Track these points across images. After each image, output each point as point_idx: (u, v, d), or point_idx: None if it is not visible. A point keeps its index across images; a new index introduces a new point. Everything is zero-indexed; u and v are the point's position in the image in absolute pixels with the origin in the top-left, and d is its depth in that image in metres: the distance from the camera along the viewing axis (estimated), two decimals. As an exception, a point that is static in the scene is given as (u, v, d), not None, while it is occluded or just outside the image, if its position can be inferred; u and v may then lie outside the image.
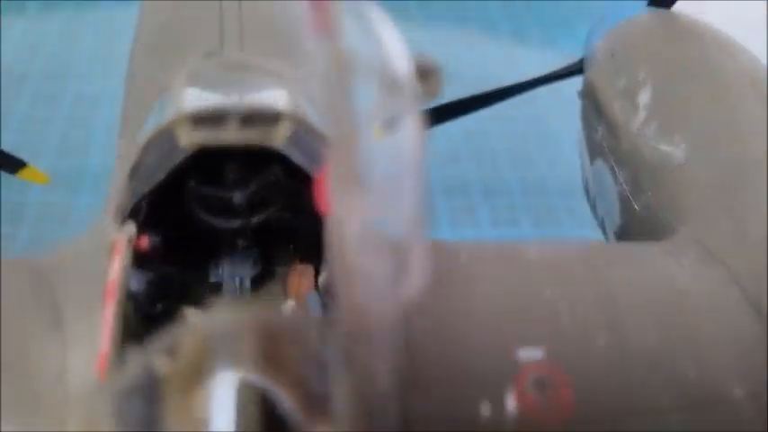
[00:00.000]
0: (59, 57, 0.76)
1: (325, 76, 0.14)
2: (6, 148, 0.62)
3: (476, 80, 0.83)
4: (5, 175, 0.59)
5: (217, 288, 0.24)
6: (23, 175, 0.49)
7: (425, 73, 0.15)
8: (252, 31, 0.31)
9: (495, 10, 1.05)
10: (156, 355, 0.18)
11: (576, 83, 0.44)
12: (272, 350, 0.17)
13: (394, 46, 0.15)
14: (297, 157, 0.22)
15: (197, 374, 0.17)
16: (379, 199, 0.15)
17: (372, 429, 0.17)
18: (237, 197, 0.24)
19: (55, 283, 0.24)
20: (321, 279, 0.24)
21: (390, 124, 0.15)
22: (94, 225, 0.25)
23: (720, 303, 0.25)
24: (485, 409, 0.21)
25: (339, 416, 0.17)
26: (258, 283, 0.24)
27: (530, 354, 0.22)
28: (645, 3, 0.41)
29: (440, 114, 0.46)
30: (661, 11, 0.40)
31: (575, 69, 0.44)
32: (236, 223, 0.24)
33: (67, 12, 0.85)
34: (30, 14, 0.83)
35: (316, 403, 0.17)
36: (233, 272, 0.25)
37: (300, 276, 0.24)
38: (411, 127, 0.15)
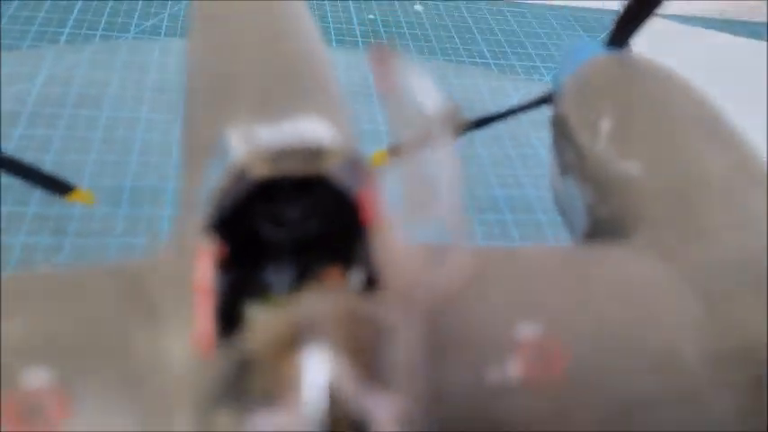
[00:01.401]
0: (92, 85, 0.81)
1: (391, 123, 0.20)
2: (49, 169, 0.69)
3: (466, 103, 0.92)
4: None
5: (267, 287, 0.26)
6: (73, 197, 0.53)
7: (453, 113, 0.21)
8: (293, 75, 0.36)
9: (482, 46, 1.14)
10: (248, 335, 0.21)
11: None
12: (348, 328, 0.21)
13: (434, 94, 0.21)
14: (343, 181, 0.25)
15: (287, 348, 0.20)
16: (428, 212, 0.20)
17: (413, 391, 0.21)
18: (292, 212, 0.27)
19: (148, 284, 0.27)
20: (351, 278, 0.26)
21: (432, 153, 0.20)
22: (176, 237, 0.29)
23: (672, 287, 0.30)
24: (494, 372, 0.26)
25: (395, 383, 0.20)
26: (300, 281, 0.26)
27: (530, 329, 0.27)
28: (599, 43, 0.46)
29: None
30: (617, 51, 0.45)
31: (545, 100, 0.50)
32: (289, 233, 0.27)
33: (95, 44, 0.91)
34: (60, 46, 0.89)
35: (379, 374, 0.20)
36: (280, 273, 0.27)
37: (335, 275, 0.27)
38: (448, 155, 0.20)
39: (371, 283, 0.25)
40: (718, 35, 1.28)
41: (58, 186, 0.52)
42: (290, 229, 0.28)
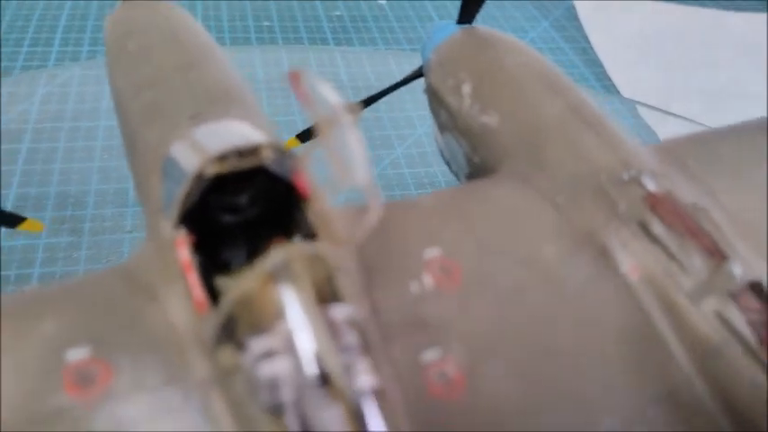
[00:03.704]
0: (85, 99, 0.88)
1: (310, 121, 0.28)
2: (18, 180, 0.75)
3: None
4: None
5: (227, 263, 0.33)
6: (24, 226, 0.58)
7: (351, 107, 0.27)
8: (213, 92, 0.42)
9: (352, 32, 1.21)
10: (233, 289, 0.27)
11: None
12: (310, 265, 0.27)
13: (335, 97, 0.28)
14: (277, 170, 0.32)
15: (265, 287, 0.26)
16: (347, 177, 0.27)
17: (360, 305, 0.28)
18: (242, 200, 0.34)
19: (142, 274, 0.33)
20: (295, 241, 0.33)
21: (343, 134, 0.27)
22: (151, 236, 0.35)
23: (530, 203, 0.39)
24: (414, 286, 0.34)
25: (347, 299, 0.27)
26: (253, 253, 0.32)
27: (433, 252, 0.35)
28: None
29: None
30: (467, 26, 0.54)
31: (418, 74, 0.59)
32: (240, 217, 0.34)
33: (82, 61, 0.98)
34: (50, 69, 0.96)
35: (335, 294, 0.27)
36: (237, 249, 0.34)
37: (280, 242, 0.32)
38: (354, 135, 0.27)
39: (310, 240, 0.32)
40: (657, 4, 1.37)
41: (8, 219, 0.57)
42: (241, 213, 0.35)
